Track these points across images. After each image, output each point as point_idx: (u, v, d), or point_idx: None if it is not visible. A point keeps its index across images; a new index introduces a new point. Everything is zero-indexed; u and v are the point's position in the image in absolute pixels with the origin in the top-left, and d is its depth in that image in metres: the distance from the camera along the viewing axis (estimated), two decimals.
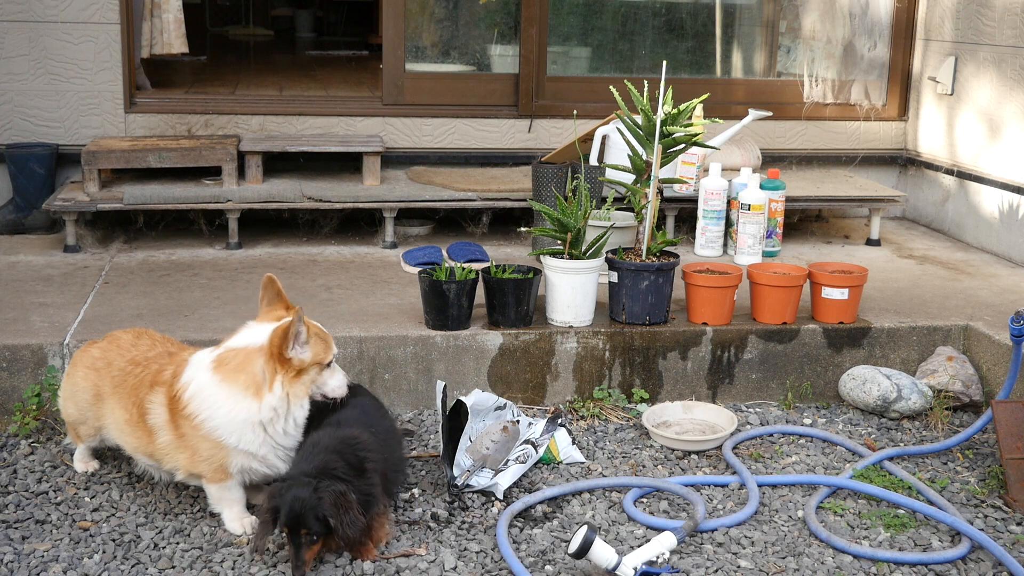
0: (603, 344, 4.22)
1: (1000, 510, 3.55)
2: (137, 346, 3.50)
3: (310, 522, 2.95)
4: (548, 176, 5.00)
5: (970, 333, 4.42)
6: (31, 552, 3.14)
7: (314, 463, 3.07)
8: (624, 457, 3.86)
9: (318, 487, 2.98)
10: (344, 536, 2.99)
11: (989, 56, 5.70)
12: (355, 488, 3.05)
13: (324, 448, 3.12)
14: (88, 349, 3.56)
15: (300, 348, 3.22)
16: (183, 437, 3.24)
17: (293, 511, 2.95)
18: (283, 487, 3.01)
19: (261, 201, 5.31)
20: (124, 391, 3.38)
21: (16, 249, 5.23)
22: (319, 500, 2.95)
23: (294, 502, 2.95)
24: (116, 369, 3.44)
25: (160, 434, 3.28)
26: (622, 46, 6.41)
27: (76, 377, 3.51)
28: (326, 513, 2.95)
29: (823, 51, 6.45)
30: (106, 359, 3.48)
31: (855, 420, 4.22)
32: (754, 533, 3.36)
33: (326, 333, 3.33)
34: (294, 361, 3.20)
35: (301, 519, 2.95)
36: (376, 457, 3.16)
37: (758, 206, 5.15)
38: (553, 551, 3.22)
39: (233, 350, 3.26)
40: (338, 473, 3.04)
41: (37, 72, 5.64)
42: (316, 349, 3.25)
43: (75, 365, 3.53)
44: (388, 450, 3.29)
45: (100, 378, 3.45)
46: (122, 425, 3.39)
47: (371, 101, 6.12)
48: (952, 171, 5.99)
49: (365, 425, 3.27)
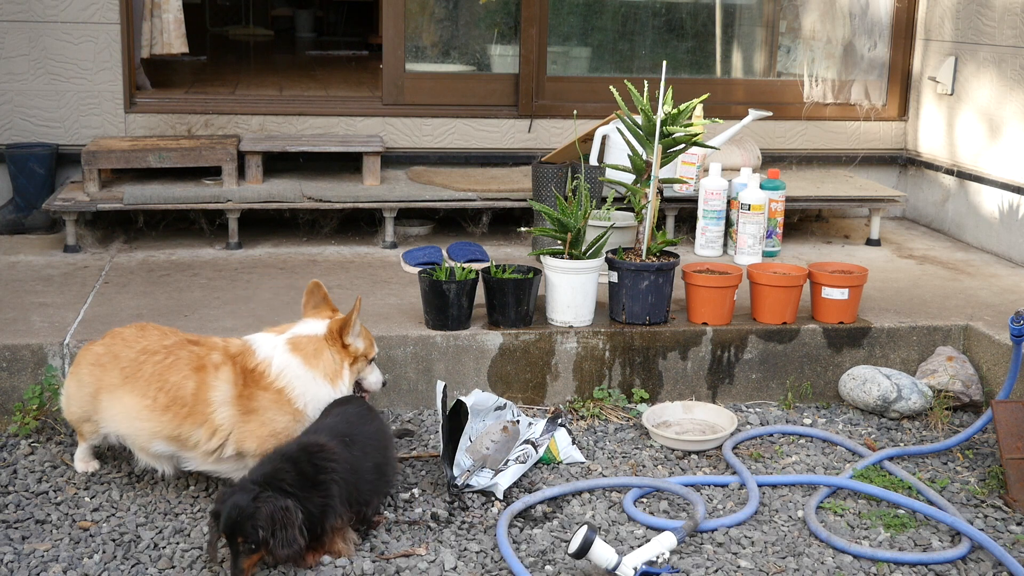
0: (603, 344, 4.22)
1: (1000, 510, 3.55)
2: (145, 337, 3.53)
3: (247, 531, 2.89)
4: (548, 176, 5.00)
5: (970, 333, 4.42)
6: (31, 552, 3.14)
7: (264, 470, 3.03)
8: (624, 457, 3.86)
9: (258, 496, 2.91)
10: (275, 554, 2.92)
11: (989, 56, 5.70)
12: (304, 501, 2.98)
13: (281, 455, 3.08)
14: (90, 348, 3.58)
15: (355, 338, 3.52)
16: (254, 412, 3.39)
17: (230, 518, 2.90)
18: (228, 492, 2.96)
19: (261, 201, 5.31)
20: (142, 379, 3.43)
21: (16, 249, 5.23)
22: (256, 510, 2.89)
23: (232, 509, 2.90)
24: (125, 360, 3.46)
25: (221, 410, 3.39)
26: (622, 46, 6.41)
27: (80, 375, 3.52)
28: (259, 526, 2.88)
29: (823, 51, 6.46)
30: (111, 353, 3.49)
31: (855, 420, 4.22)
32: (754, 533, 3.36)
33: (368, 332, 3.64)
34: (350, 349, 3.51)
35: (238, 527, 2.89)
36: (338, 468, 3.08)
37: (758, 206, 5.15)
38: (553, 551, 3.22)
39: (303, 336, 3.52)
40: (284, 484, 2.97)
41: (37, 72, 5.64)
42: (366, 343, 3.59)
43: (78, 365, 3.54)
44: (361, 459, 3.19)
45: (104, 373, 3.46)
46: (139, 411, 3.41)
47: (371, 101, 6.12)
48: (952, 171, 5.99)
49: (339, 434, 3.20)
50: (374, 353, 3.63)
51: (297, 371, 3.46)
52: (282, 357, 3.47)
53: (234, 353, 3.49)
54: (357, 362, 3.55)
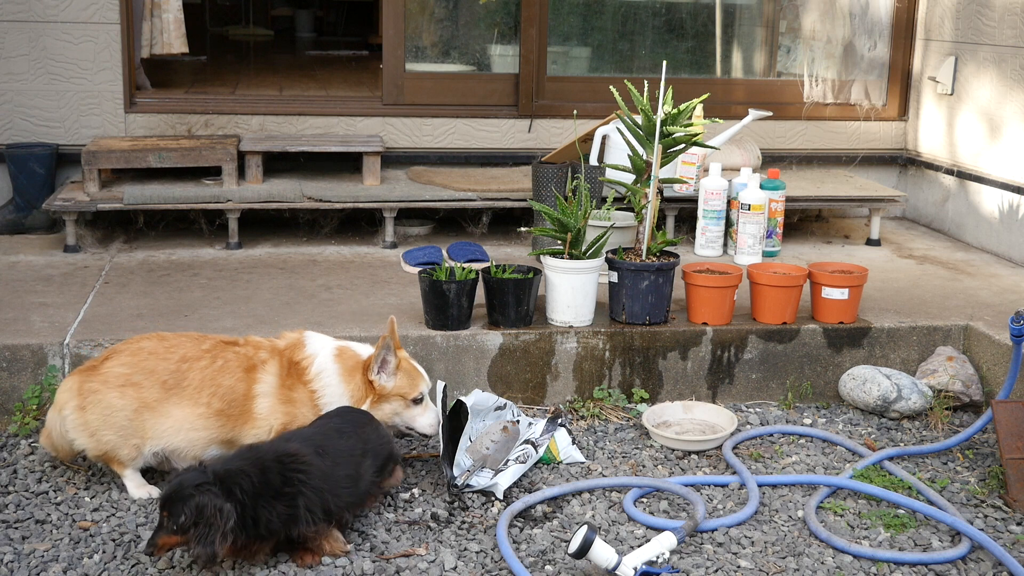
0: (603, 344, 4.22)
1: (1000, 510, 3.55)
2: (177, 345, 3.51)
3: (174, 509, 2.88)
4: (548, 176, 5.00)
5: (970, 333, 4.42)
6: (31, 552, 3.14)
7: (229, 466, 3.00)
8: (624, 457, 3.86)
9: (202, 485, 2.90)
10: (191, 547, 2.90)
11: (989, 56, 5.70)
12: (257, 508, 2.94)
13: (253, 456, 3.07)
14: (103, 371, 3.43)
15: (384, 375, 3.51)
16: (291, 402, 3.46)
17: (169, 491, 2.90)
18: (188, 468, 3.00)
19: (261, 201, 5.31)
20: (191, 388, 3.44)
21: (16, 249, 5.23)
22: (191, 495, 2.87)
23: (176, 484, 2.91)
24: (165, 373, 3.44)
25: (261, 400, 3.45)
26: (622, 46, 6.41)
27: (107, 400, 3.39)
28: (185, 511, 2.86)
29: (823, 51, 6.46)
30: (145, 369, 3.43)
31: (855, 420, 4.22)
32: (754, 533, 3.36)
33: (418, 372, 3.60)
34: (376, 385, 3.49)
35: (169, 501, 2.89)
36: (308, 479, 3.04)
37: (758, 206, 5.15)
38: (553, 551, 3.22)
39: (352, 350, 3.58)
40: (237, 488, 2.93)
41: (37, 72, 5.64)
42: (401, 382, 3.54)
43: (95, 392, 3.39)
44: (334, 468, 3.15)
45: (141, 390, 3.41)
46: (193, 421, 3.42)
47: (371, 101, 6.12)
48: (952, 171, 5.99)
49: (316, 444, 3.17)
50: (416, 393, 3.55)
51: (331, 378, 3.50)
52: (325, 359, 3.52)
53: (283, 348, 3.55)
54: (386, 400, 3.53)
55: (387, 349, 3.49)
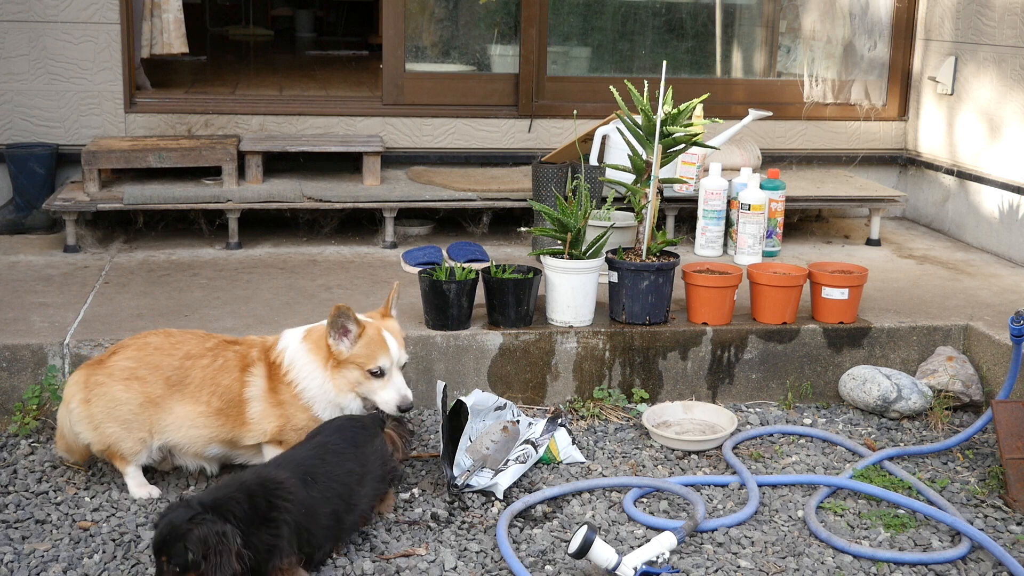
0: (603, 344, 4.22)
1: (1000, 510, 3.55)
2: (182, 342, 3.51)
3: (174, 550, 2.74)
4: (548, 176, 5.00)
5: (970, 333, 4.42)
6: (31, 552, 3.14)
7: (217, 494, 2.88)
8: (624, 457, 3.86)
9: (195, 518, 2.77)
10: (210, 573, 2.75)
11: (989, 56, 5.70)
12: (250, 536, 2.84)
13: (238, 483, 2.95)
14: (108, 364, 3.45)
15: (338, 340, 3.39)
16: (281, 404, 3.41)
17: (161, 535, 2.76)
18: (171, 506, 2.84)
19: (261, 201, 5.31)
20: (192, 385, 3.43)
21: (16, 249, 5.23)
22: (188, 531, 2.74)
23: (165, 526, 2.77)
24: (169, 369, 3.44)
25: (253, 404, 3.41)
26: (622, 46, 6.41)
27: (111, 393, 3.40)
28: (189, 547, 2.73)
29: (823, 51, 6.46)
30: (149, 364, 3.44)
31: (855, 420, 4.22)
32: (754, 533, 3.36)
33: (383, 344, 3.42)
34: (332, 350, 3.38)
35: (166, 544, 2.75)
36: (292, 508, 2.93)
37: (758, 206, 5.15)
38: (553, 551, 3.22)
39: (319, 326, 3.48)
40: (231, 515, 2.83)
41: (37, 72, 5.64)
42: (359, 351, 3.40)
43: (101, 385, 3.41)
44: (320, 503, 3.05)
45: (145, 385, 3.42)
46: (194, 419, 3.42)
47: (371, 101, 6.12)
48: (952, 171, 5.99)
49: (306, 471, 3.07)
50: (373, 365, 3.39)
51: (302, 361, 3.43)
52: (293, 346, 3.46)
53: (268, 347, 3.51)
54: (345, 367, 3.40)
55: (344, 315, 3.35)
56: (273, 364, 3.45)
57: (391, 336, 3.45)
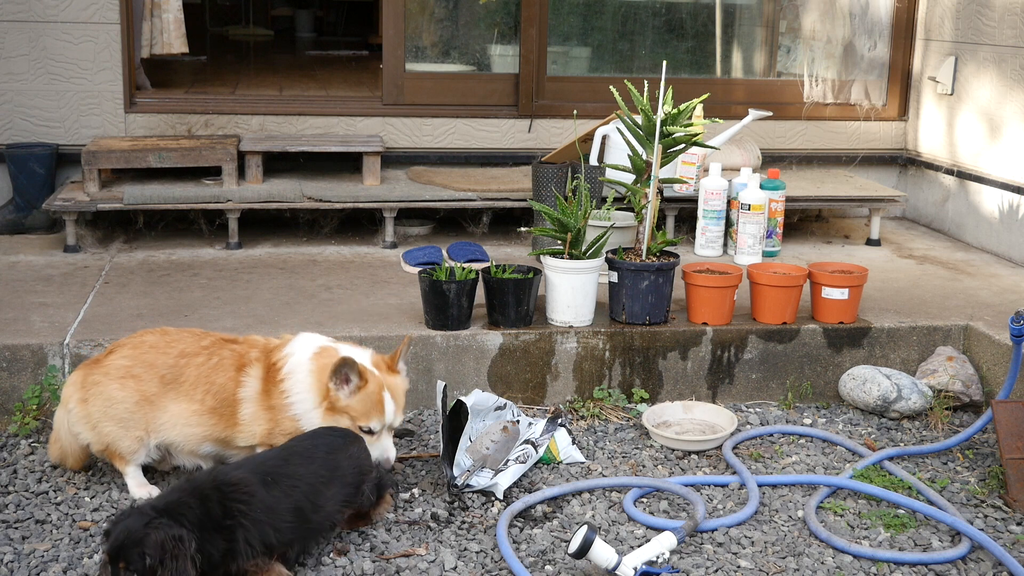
0: (603, 344, 4.22)
1: (1000, 510, 3.55)
2: (178, 340, 3.50)
3: (131, 556, 2.70)
4: (548, 176, 5.00)
5: (970, 333, 4.42)
6: (31, 552, 3.14)
7: (169, 499, 2.86)
8: (624, 457, 3.86)
9: (151, 522, 2.74)
10: None
11: (989, 56, 5.70)
12: (204, 542, 2.80)
13: (191, 487, 2.91)
14: (105, 364, 3.46)
15: (339, 388, 3.33)
16: (271, 408, 3.37)
17: (117, 541, 2.72)
18: (124, 513, 2.80)
19: (261, 201, 5.31)
20: (187, 383, 3.42)
21: (16, 249, 5.23)
22: (145, 536, 2.71)
23: (121, 532, 2.73)
24: (164, 367, 3.43)
25: (245, 406, 3.38)
26: (622, 46, 6.41)
27: (107, 392, 3.41)
28: (148, 552, 2.69)
29: (823, 51, 6.46)
30: (144, 362, 3.44)
31: (855, 420, 4.22)
32: (754, 533, 3.36)
33: (379, 405, 3.34)
34: (331, 394, 3.32)
35: (122, 551, 2.71)
36: (249, 510, 2.90)
37: (758, 206, 5.15)
38: (553, 551, 3.22)
39: (337, 350, 3.42)
40: (184, 518, 2.80)
41: (37, 72, 5.64)
42: (355, 405, 3.33)
43: (97, 384, 3.42)
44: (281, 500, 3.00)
45: (141, 383, 3.42)
46: (188, 417, 3.41)
47: (371, 101, 6.12)
48: (952, 171, 5.99)
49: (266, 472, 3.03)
50: (364, 423, 3.34)
51: (302, 377, 3.37)
52: (300, 358, 3.40)
53: (271, 348, 3.47)
54: (338, 414, 3.34)
55: (349, 367, 3.29)
56: (273, 366, 3.41)
57: (390, 398, 3.37)
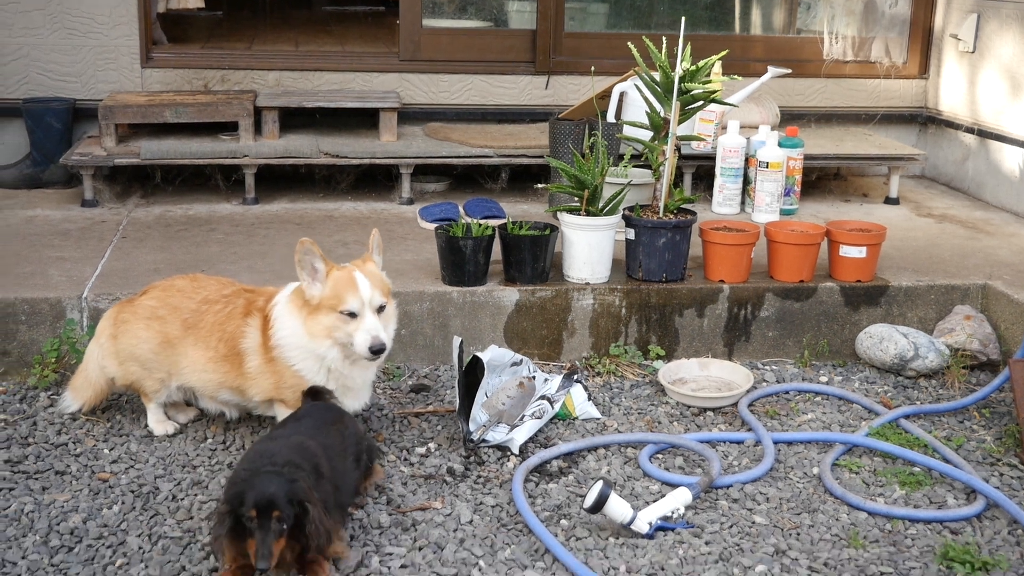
0: (620, 301, 4.21)
1: (1016, 468, 3.54)
2: (205, 287, 3.53)
3: (282, 505, 2.66)
4: (565, 133, 4.98)
5: (988, 292, 4.40)
6: (51, 503, 3.17)
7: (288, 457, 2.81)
8: (640, 413, 3.87)
9: (288, 473, 2.73)
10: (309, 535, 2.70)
11: (1012, 13, 5.63)
12: None
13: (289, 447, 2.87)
14: (136, 303, 3.53)
15: (311, 283, 3.27)
16: (272, 361, 3.35)
17: (265, 493, 2.66)
18: (245, 474, 2.75)
19: (278, 156, 5.30)
20: (204, 329, 3.44)
21: (33, 203, 5.24)
22: (293, 483, 2.70)
23: (266, 483, 2.68)
24: (187, 311, 3.47)
25: (250, 358, 3.38)
26: (640, 2, 6.36)
27: (134, 331, 3.48)
28: (302, 497, 2.69)
29: (843, 7, 6.39)
30: (170, 305, 3.49)
31: (871, 378, 4.22)
32: (769, 489, 3.36)
33: (351, 283, 3.25)
34: (306, 294, 3.28)
35: (274, 501, 2.65)
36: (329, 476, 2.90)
37: (776, 164, 5.12)
38: (568, 506, 3.24)
39: None
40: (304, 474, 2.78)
41: (54, 26, 5.63)
42: (328, 292, 3.25)
43: (126, 323, 3.50)
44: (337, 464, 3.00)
45: (165, 325, 3.47)
46: (204, 363, 3.44)
47: (388, 57, 6.09)
48: (973, 129, 5.94)
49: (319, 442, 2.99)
50: (343, 306, 3.23)
51: (282, 313, 3.33)
52: (281, 301, 3.37)
53: (269, 297, 3.45)
54: (320, 312, 3.25)
55: (308, 252, 3.22)
56: (266, 318, 3.39)
57: (363, 276, 3.27)
